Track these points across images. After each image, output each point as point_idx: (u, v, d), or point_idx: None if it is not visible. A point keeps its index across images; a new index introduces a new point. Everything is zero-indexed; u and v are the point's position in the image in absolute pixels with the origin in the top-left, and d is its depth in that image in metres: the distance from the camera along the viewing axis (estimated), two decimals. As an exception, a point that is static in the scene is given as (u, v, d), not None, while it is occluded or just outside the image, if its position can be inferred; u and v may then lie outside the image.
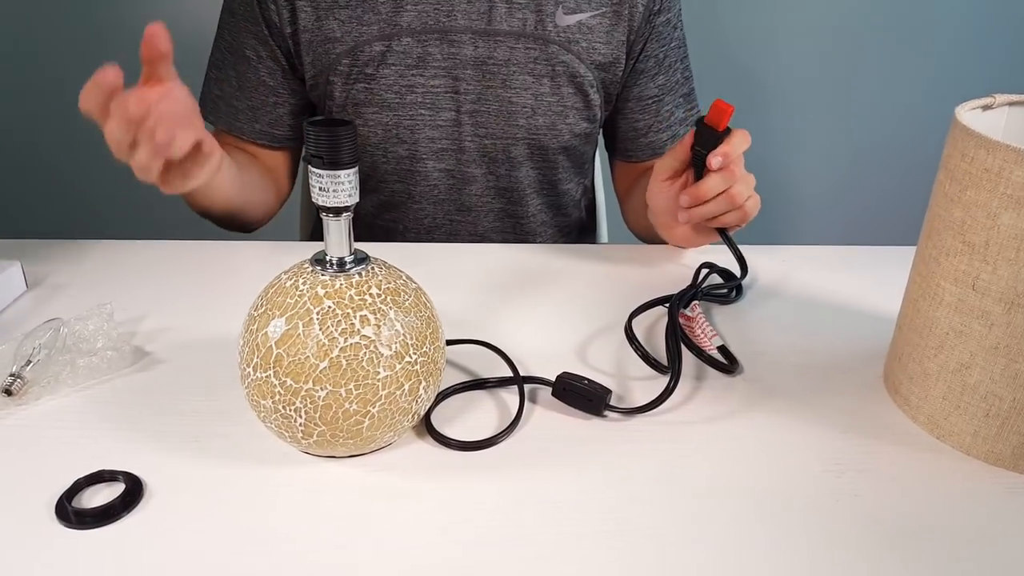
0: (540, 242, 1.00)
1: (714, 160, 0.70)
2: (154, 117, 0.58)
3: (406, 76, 0.85)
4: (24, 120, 1.76)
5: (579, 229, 1.08)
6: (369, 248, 0.53)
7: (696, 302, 0.70)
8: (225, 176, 0.76)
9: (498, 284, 0.76)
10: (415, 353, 0.49)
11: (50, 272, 0.75)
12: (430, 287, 0.59)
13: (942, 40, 1.71)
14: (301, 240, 1.15)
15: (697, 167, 0.74)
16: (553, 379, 0.58)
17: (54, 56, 1.71)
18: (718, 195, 0.72)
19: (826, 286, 0.77)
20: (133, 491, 0.48)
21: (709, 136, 0.72)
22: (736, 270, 0.77)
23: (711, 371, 0.63)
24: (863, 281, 0.78)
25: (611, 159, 1.04)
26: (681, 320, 0.69)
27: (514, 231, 0.98)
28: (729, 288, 0.75)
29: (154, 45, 0.59)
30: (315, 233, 1.12)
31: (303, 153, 0.99)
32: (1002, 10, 1.68)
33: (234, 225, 0.90)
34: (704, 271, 0.76)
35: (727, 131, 0.71)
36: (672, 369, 0.60)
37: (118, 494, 0.47)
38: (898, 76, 1.74)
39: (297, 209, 1.16)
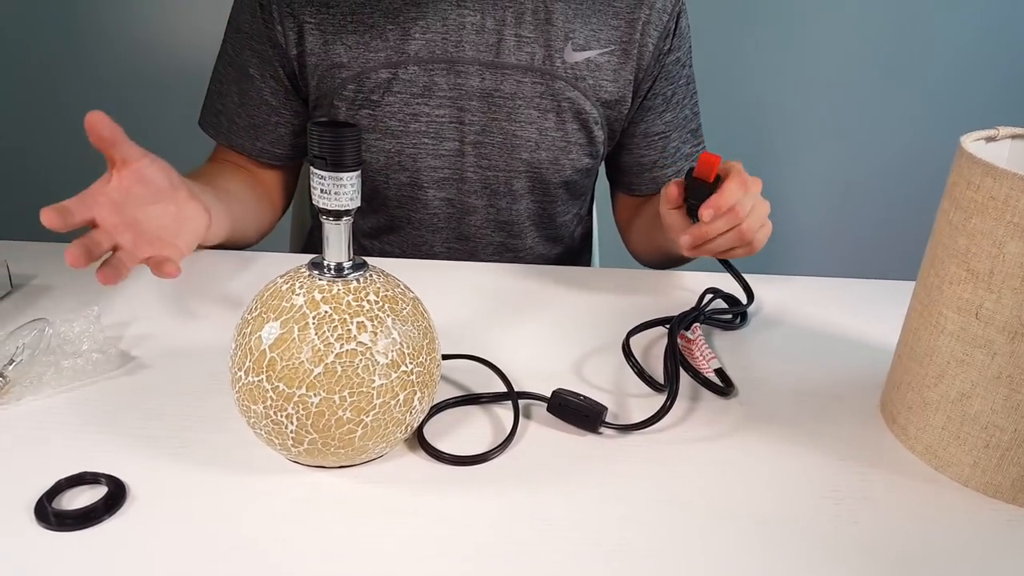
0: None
1: (705, 213, 0.68)
2: (121, 243, 0.60)
3: (411, 104, 0.85)
4: (13, 122, 1.75)
5: (571, 258, 1.07)
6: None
7: (697, 324, 0.70)
8: (215, 232, 0.76)
9: (494, 302, 0.75)
10: (411, 363, 0.48)
11: (37, 273, 0.74)
12: (426, 302, 0.58)
13: (934, 74, 1.73)
14: (294, 248, 1.15)
15: (693, 218, 0.73)
16: (548, 395, 0.58)
17: (44, 58, 1.70)
18: (724, 233, 0.70)
19: (827, 317, 0.77)
20: (116, 494, 0.46)
21: (700, 188, 0.71)
22: (741, 296, 0.77)
23: (707, 393, 0.62)
24: (863, 313, 0.78)
25: (612, 190, 1.04)
26: (681, 342, 0.68)
27: (511, 263, 0.97)
28: (734, 314, 0.74)
29: (97, 134, 0.60)
30: (306, 248, 1.11)
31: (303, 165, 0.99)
32: (994, 47, 1.71)
33: (226, 247, 0.88)
34: (709, 296, 0.76)
35: (717, 180, 0.70)
36: (670, 388, 0.60)
37: (100, 496, 0.46)
38: (890, 111, 1.77)
39: (288, 223, 1.15)
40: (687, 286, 0.81)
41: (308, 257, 0.51)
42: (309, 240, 1.10)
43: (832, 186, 1.85)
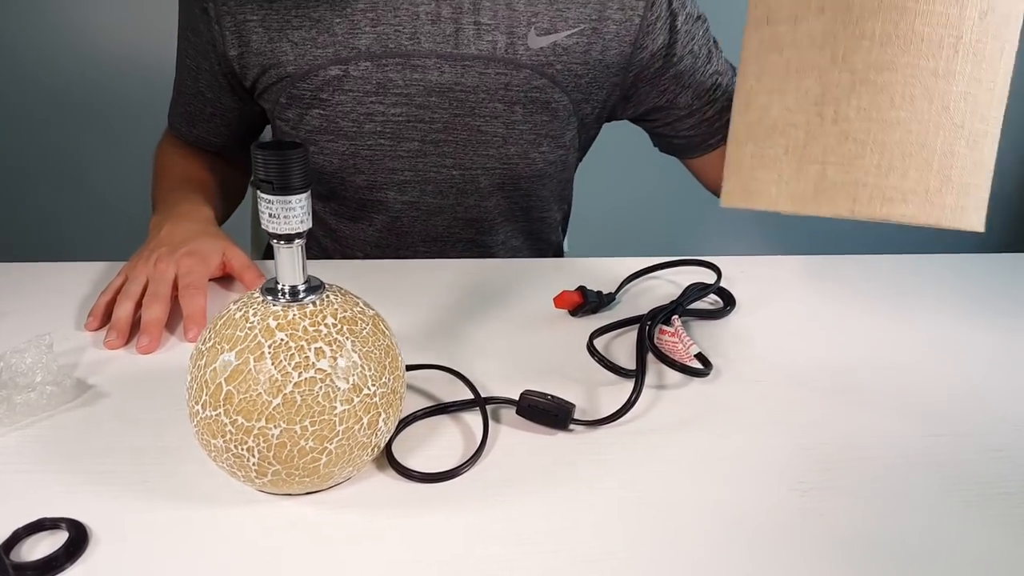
0: None
1: None
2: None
3: (364, 103, 0.80)
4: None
5: (546, 247, 1.04)
6: (321, 266, 0.51)
7: (676, 316, 0.70)
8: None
9: (457, 302, 0.74)
10: (374, 385, 0.47)
11: (-17, 299, 0.71)
12: (386, 306, 0.57)
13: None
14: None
15: None
16: (517, 398, 0.57)
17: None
18: None
19: (801, 300, 0.77)
20: (77, 540, 0.45)
21: None
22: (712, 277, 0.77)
23: (675, 382, 0.62)
24: (833, 294, 0.78)
25: (692, 164, 0.96)
26: (664, 335, 0.68)
27: (476, 259, 0.95)
28: (716, 310, 0.74)
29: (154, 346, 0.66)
30: (268, 252, 1.08)
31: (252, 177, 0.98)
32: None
33: None
34: (690, 288, 0.75)
35: None
36: (636, 378, 0.60)
37: (61, 543, 0.44)
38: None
39: (247, 225, 1.13)
40: (658, 275, 0.81)
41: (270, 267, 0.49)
42: (268, 251, 1.08)
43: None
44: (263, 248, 1.10)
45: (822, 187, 0.50)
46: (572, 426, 0.56)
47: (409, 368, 0.62)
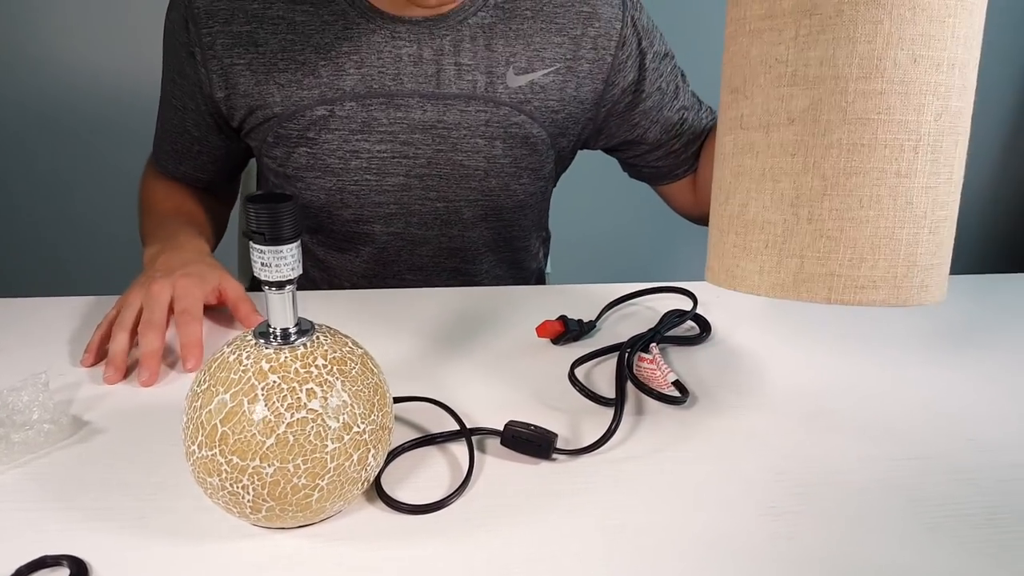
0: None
1: None
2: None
3: (350, 141, 0.83)
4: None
5: (528, 274, 1.07)
6: (310, 297, 0.52)
7: (654, 344, 0.72)
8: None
9: (442, 331, 0.77)
10: (363, 423, 0.49)
11: (-24, 335, 0.73)
12: (372, 336, 0.59)
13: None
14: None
15: None
16: (501, 428, 0.59)
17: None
18: None
19: (773, 324, 0.80)
20: (78, 577, 0.47)
21: None
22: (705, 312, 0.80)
23: (654, 409, 0.65)
24: (805, 318, 0.81)
25: (662, 191, 1.01)
26: (643, 363, 0.70)
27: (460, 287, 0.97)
28: (692, 337, 0.77)
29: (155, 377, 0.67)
30: (251, 286, 1.10)
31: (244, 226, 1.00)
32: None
33: None
34: (670, 316, 0.78)
35: None
36: (616, 406, 0.62)
37: (62, 582, 0.46)
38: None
39: (235, 252, 1.14)
40: (636, 302, 0.83)
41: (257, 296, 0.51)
42: (255, 280, 1.10)
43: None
44: (250, 277, 1.12)
45: (801, 278, 0.54)
46: (555, 455, 0.58)
47: (396, 400, 0.64)
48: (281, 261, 0.47)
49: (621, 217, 2.01)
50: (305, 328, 0.50)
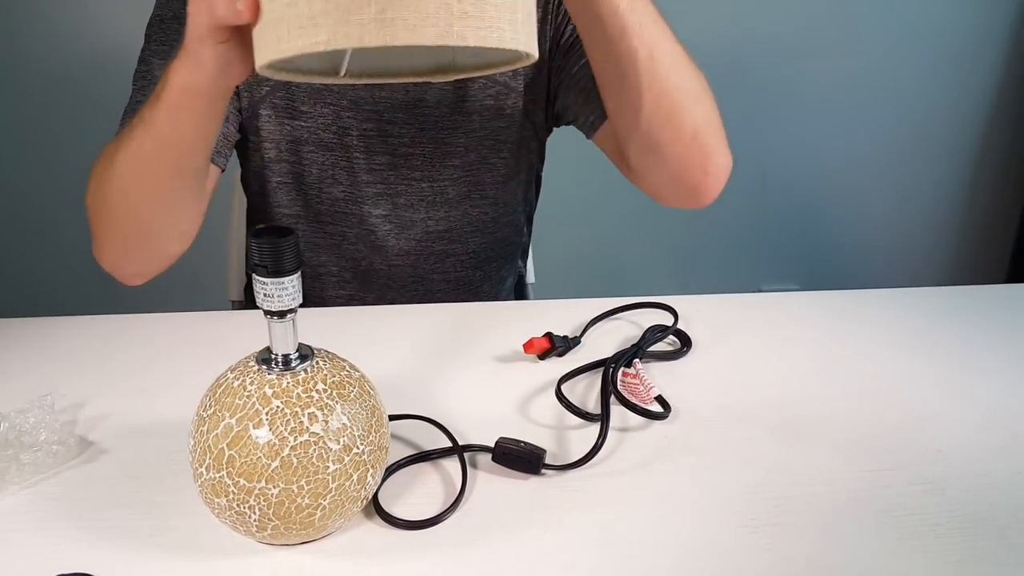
0: (480, 282, 1.02)
1: None
2: None
3: (342, 117, 0.88)
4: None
5: (512, 267, 1.09)
6: (300, 314, 0.52)
7: (638, 360, 0.75)
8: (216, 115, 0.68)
9: (433, 348, 0.79)
10: (362, 444, 0.52)
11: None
12: (364, 353, 0.61)
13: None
14: (232, 299, 1.16)
15: None
16: (492, 444, 0.62)
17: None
18: None
19: (749, 338, 0.83)
20: (91, 595, 0.49)
21: None
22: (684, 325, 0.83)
23: (639, 425, 0.67)
24: (785, 330, 0.84)
25: (600, 139, 0.93)
26: (625, 379, 0.73)
27: (455, 269, 1.00)
28: (673, 352, 0.80)
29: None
30: (245, 300, 1.12)
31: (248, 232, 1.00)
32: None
33: (146, 230, 0.77)
34: (651, 332, 0.81)
35: None
36: (602, 423, 0.65)
37: (76, 599, 0.48)
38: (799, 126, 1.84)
39: (225, 267, 1.16)
40: (619, 317, 0.86)
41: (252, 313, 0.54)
42: (248, 294, 1.11)
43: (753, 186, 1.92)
44: (242, 290, 1.14)
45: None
46: (544, 470, 0.61)
47: (391, 419, 0.67)
48: (283, 292, 0.49)
49: (602, 230, 2.04)
50: (305, 353, 0.53)
